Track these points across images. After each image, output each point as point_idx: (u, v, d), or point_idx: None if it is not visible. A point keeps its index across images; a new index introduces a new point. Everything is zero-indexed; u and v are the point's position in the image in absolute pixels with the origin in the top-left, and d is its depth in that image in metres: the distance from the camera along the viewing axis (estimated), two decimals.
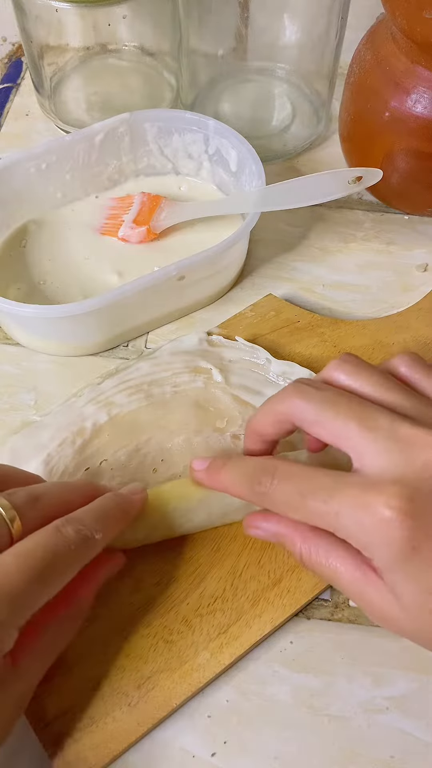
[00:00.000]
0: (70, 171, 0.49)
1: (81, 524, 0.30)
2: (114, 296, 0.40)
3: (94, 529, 0.30)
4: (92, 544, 0.30)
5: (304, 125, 0.57)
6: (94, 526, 0.31)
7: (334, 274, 0.50)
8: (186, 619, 0.35)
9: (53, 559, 0.28)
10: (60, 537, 0.29)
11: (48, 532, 0.29)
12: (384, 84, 0.45)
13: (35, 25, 0.53)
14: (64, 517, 0.30)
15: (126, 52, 0.59)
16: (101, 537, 0.31)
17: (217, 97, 0.58)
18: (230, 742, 0.33)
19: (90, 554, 0.31)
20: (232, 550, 0.37)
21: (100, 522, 0.31)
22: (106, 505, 0.33)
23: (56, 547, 0.29)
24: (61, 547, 0.29)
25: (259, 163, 0.46)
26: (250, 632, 0.35)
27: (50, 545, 0.29)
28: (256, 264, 0.50)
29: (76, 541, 0.29)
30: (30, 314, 0.40)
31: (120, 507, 0.33)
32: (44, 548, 0.29)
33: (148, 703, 0.33)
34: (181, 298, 0.46)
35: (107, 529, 0.31)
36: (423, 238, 0.52)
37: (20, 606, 0.27)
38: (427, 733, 0.33)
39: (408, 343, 0.44)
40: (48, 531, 0.29)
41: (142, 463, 0.39)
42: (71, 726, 0.32)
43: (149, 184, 0.52)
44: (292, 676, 0.35)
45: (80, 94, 0.59)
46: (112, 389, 0.42)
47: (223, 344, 0.44)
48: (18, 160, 0.46)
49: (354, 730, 0.33)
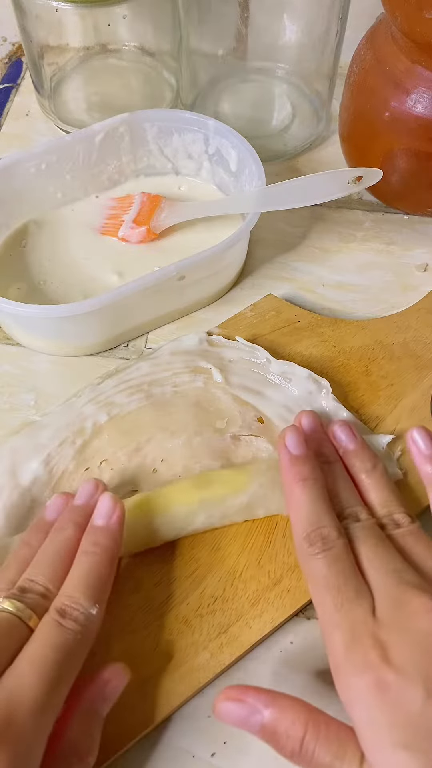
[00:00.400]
0: (70, 171, 0.49)
1: (77, 609, 0.30)
2: (114, 296, 0.40)
3: (90, 606, 0.30)
4: (93, 621, 0.31)
5: (304, 125, 0.57)
6: (88, 603, 0.31)
7: (334, 274, 0.50)
8: (186, 619, 0.35)
9: (65, 657, 0.29)
10: (64, 632, 0.29)
11: (52, 630, 0.29)
12: (384, 84, 0.45)
13: (35, 25, 0.53)
14: (60, 606, 0.30)
15: (126, 52, 0.59)
16: (98, 610, 0.31)
17: (217, 97, 0.58)
18: (230, 742, 0.33)
19: (94, 630, 0.31)
20: (232, 550, 0.37)
21: (93, 595, 0.31)
22: (92, 567, 0.32)
23: (65, 643, 0.29)
24: (69, 641, 0.29)
25: (259, 163, 0.46)
26: (250, 632, 0.35)
27: (59, 644, 0.29)
28: (256, 264, 0.50)
29: (78, 630, 0.30)
30: (30, 314, 0.40)
31: (106, 555, 0.33)
32: (53, 648, 0.29)
33: (149, 703, 0.33)
34: (181, 298, 0.46)
35: (101, 595, 0.31)
36: (423, 238, 0.52)
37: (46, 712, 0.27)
38: None
39: (408, 343, 0.44)
40: (51, 629, 0.29)
41: (142, 463, 0.39)
42: None
43: (149, 184, 0.52)
44: (292, 676, 0.35)
45: (80, 94, 0.59)
46: (112, 389, 0.42)
47: (223, 344, 0.44)
48: (18, 160, 0.46)
49: None
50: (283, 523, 0.38)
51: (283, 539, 0.37)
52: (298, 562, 0.36)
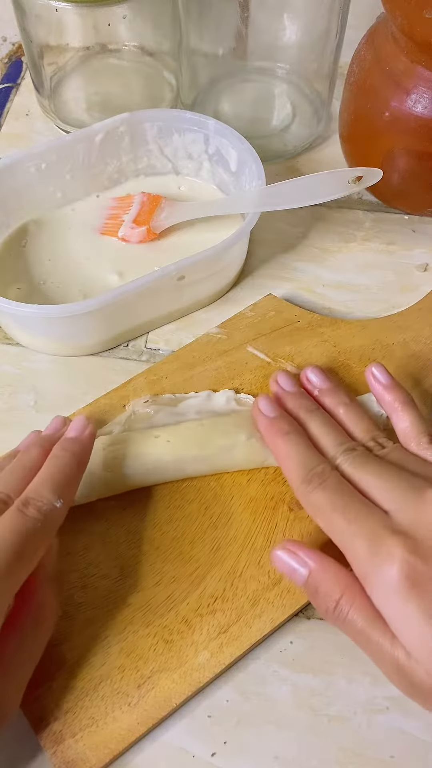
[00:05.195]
0: (70, 171, 0.49)
1: (40, 500, 0.32)
2: (114, 296, 0.40)
3: (54, 500, 0.32)
4: (56, 513, 0.32)
5: (304, 125, 0.57)
6: (52, 497, 0.32)
7: (334, 274, 0.50)
8: (186, 619, 0.35)
9: (24, 541, 0.30)
10: (25, 519, 0.31)
11: (13, 517, 0.31)
12: (384, 84, 0.45)
13: (35, 25, 0.53)
14: (23, 495, 0.32)
15: (126, 52, 0.59)
16: (62, 503, 0.32)
17: (217, 97, 0.58)
18: (230, 742, 0.33)
19: (57, 523, 0.32)
20: (232, 550, 0.37)
21: (57, 488, 0.33)
22: (60, 465, 0.34)
23: (25, 529, 0.30)
24: (29, 528, 0.31)
25: (259, 163, 0.46)
26: (250, 632, 0.35)
27: (19, 529, 0.30)
28: (256, 264, 0.50)
29: (39, 518, 0.31)
30: (30, 314, 0.40)
31: (74, 458, 0.34)
32: (13, 532, 0.30)
33: (148, 703, 0.33)
34: (181, 298, 0.46)
35: (66, 491, 0.33)
36: (423, 238, 0.52)
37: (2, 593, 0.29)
38: (427, 733, 0.33)
39: (408, 343, 0.44)
40: (13, 516, 0.31)
41: None
42: (71, 726, 0.32)
43: (149, 184, 0.52)
44: (292, 676, 0.35)
45: (80, 94, 0.59)
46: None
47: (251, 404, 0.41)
48: (18, 159, 0.46)
49: (354, 730, 0.33)
50: (283, 524, 0.38)
51: (283, 539, 0.37)
52: None
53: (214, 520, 0.38)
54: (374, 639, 0.30)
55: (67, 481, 0.33)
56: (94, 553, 0.37)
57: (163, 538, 0.37)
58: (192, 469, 0.38)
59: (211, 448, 0.38)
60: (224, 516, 0.38)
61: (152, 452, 0.38)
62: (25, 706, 0.33)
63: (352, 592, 0.31)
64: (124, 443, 0.38)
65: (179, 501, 0.39)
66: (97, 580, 0.36)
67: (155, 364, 0.44)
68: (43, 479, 0.33)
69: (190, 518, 0.38)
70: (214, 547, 0.37)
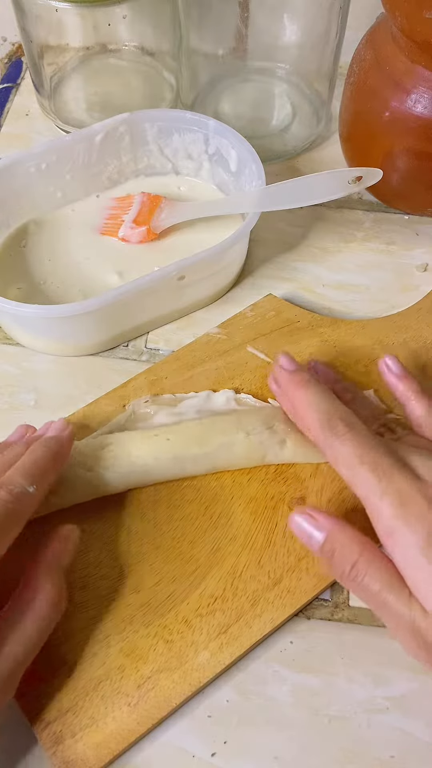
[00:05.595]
0: (70, 171, 0.49)
1: (11, 484, 0.32)
2: (114, 296, 0.40)
3: (25, 485, 0.33)
4: (28, 498, 0.32)
5: (304, 125, 0.57)
6: (24, 482, 0.33)
7: (334, 274, 0.50)
8: (186, 619, 0.35)
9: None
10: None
11: None
12: (384, 84, 0.45)
13: (35, 25, 0.53)
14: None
15: (126, 52, 0.59)
16: (35, 489, 0.33)
17: (217, 97, 0.58)
18: (230, 742, 0.33)
19: (29, 508, 0.33)
20: (232, 550, 0.37)
21: (30, 476, 0.33)
22: (35, 457, 0.34)
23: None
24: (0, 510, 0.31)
25: (259, 163, 0.46)
26: (250, 632, 0.35)
27: None
28: (256, 264, 0.50)
29: (10, 500, 0.32)
30: (30, 314, 0.40)
31: (50, 451, 0.35)
32: None
33: (148, 703, 0.33)
34: (181, 298, 0.46)
35: (40, 480, 0.33)
36: (423, 238, 0.52)
37: None
38: (427, 733, 0.33)
39: (408, 343, 0.44)
40: None
41: None
42: (71, 726, 0.32)
43: (149, 184, 0.52)
44: (292, 676, 0.35)
45: (80, 94, 0.59)
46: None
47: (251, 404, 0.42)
48: (18, 160, 0.46)
49: (354, 730, 0.33)
50: (283, 524, 0.38)
51: (283, 539, 0.37)
52: (298, 561, 0.36)
53: (214, 520, 0.38)
54: (390, 600, 0.29)
55: (40, 471, 0.34)
56: (94, 553, 0.37)
57: (163, 538, 0.37)
58: (192, 467, 0.38)
59: (211, 445, 0.38)
60: (224, 516, 0.38)
61: (151, 450, 0.38)
62: (25, 706, 0.33)
63: (370, 553, 0.30)
64: (123, 442, 0.38)
65: (179, 501, 0.39)
66: (97, 580, 0.36)
67: (155, 364, 0.44)
68: (16, 467, 0.34)
69: (190, 518, 0.38)
70: (214, 547, 0.37)
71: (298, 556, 0.37)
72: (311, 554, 0.37)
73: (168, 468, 0.38)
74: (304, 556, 0.37)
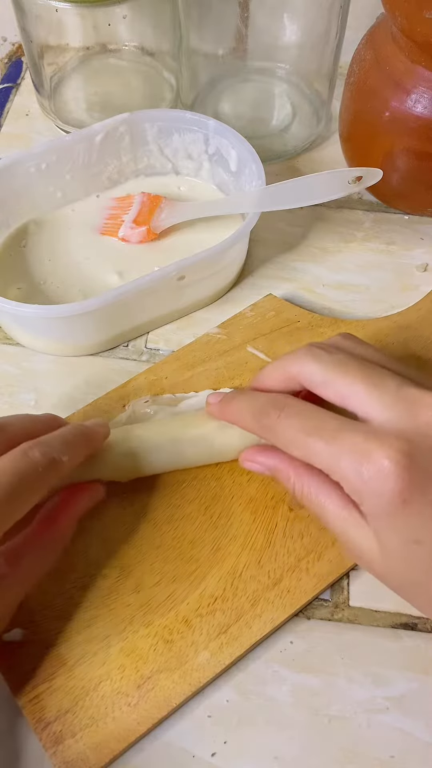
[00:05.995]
0: (70, 171, 0.49)
1: (47, 447, 0.32)
2: (114, 296, 0.40)
3: (60, 452, 0.32)
4: (59, 466, 0.32)
5: (304, 125, 0.57)
6: (60, 449, 0.32)
7: (334, 274, 0.50)
8: (186, 619, 0.35)
9: (20, 481, 0.30)
10: (27, 460, 0.31)
11: (15, 455, 0.31)
12: (384, 84, 0.45)
13: (35, 25, 0.53)
14: (31, 440, 0.32)
15: (126, 52, 0.59)
16: (67, 460, 0.32)
17: (217, 97, 0.58)
18: (230, 742, 0.33)
19: (57, 476, 0.32)
20: (232, 550, 0.37)
21: (65, 446, 0.33)
22: (71, 432, 0.34)
23: (24, 469, 0.30)
24: (29, 469, 0.30)
25: (259, 163, 0.46)
26: (250, 632, 0.35)
27: (18, 468, 0.30)
28: (256, 264, 0.50)
29: (42, 463, 0.31)
30: (30, 314, 0.40)
31: (84, 435, 0.35)
32: (12, 471, 0.30)
33: (148, 703, 0.33)
34: (181, 298, 0.46)
35: (73, 453, 0.33)
36: (423, 238, 0.52)
37: None
38: (427, 733, 0.33)
39: (408, 343, 0.44)
40: (15, 454, 0.31)
41: None
42: (71, 726, 0.32)
43: (149, 184, 0.52)
44: (292, 676, 0.35)
45: (80, 94, 0.59)
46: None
47: None
48: (18, 160, 0.46)
49: (354, 730, 0.33)
50: (283, 524, 0.38)
51: (283, 539, 0.37)
52: (297, 561, 0.36)
53: (214, 520, 0.38)
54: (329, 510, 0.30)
55: (77, 447, 0.34)
56: (94, 553, 0.37)
57: (163, 538, 0.37)
58: (191, 450, 0.38)
59: (207, 427, 0.38)
60: (224, 516, 0.38)
61: (151, 433, 0.38)
62: (25, 706, 0.33)
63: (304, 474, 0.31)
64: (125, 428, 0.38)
65: (179, 501, 0.39)
66: (97, 580, 0.36)
67: (155, 364, 0.44)
68: (55, 434, 0.33)
69: (190, 518, 0.38)
70: (214, 547, 0.37)
71: (298, 556, 0.37)
72: (311, 554, 0.37)
73: (166, 451, 0.38)
74: (304, 556, 0.37)
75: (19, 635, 0.34)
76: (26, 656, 0.34)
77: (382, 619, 0.36)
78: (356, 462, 0.28)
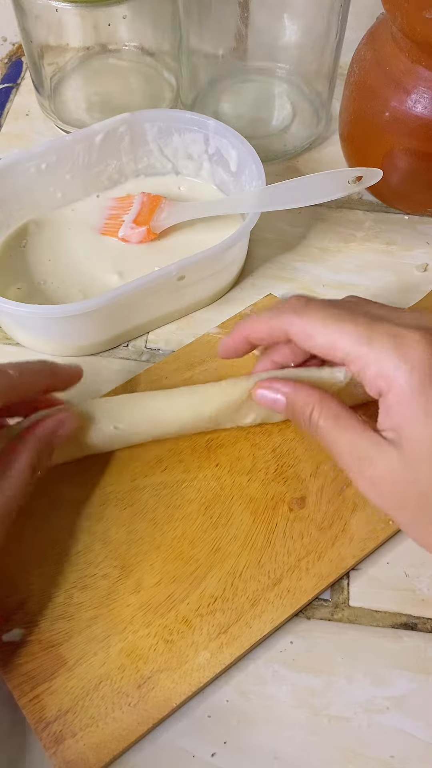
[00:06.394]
0: (70, 171, 0.49)
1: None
2: (114, 296, 0.40)
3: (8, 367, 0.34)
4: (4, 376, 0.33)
5: (304, 125, 0.57)
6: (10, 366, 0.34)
7: (334, 274, 0.50)
8: (186, 619, 0.35)
9: None
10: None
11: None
12: (384, 84, 0.45)
13: (35, 25, 0.53)
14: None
15: (126, 52, 0.59)
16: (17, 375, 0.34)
17: (217, 97, 0.58)
18: (230, 742, 0.33)
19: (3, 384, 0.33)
20: (232, 550, 0.37)
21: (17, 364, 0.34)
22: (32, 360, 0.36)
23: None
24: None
25: (259, 163, 0.46)
26: (250, 632, 0.35)
27: None
28: (256, 264, 0.50)
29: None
30: (30, 314, 0.40)
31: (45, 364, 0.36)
32: None
33: (148, 703, 0.33)
34: (181, 298, 0.46)
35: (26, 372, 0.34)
36: (423, 238, 0.52)
37: None
38: (427, 733, 0.33)
39: None
40: None
41: None
42: (71, 726, 0.32)
43: (149, 184, 0.52)
44: (292, 676, 0.35)
45: (80, 94, 0.59)
46: None
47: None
48: (18, 160, 0.46)
49: (354, 730, 0.33)
50: (283, 524, 0.38)
51: (283, 539, 0.37)
52: (297, 561, 0.36)
53: (214, 520, 0.38)
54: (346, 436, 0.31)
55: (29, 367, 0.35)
56: (94, 553, 0.37)
57: (163, 538, 0.37)
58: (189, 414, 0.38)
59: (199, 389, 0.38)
60: (224, 516, 0.38)
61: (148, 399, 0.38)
62: (25, 706, 0.33)
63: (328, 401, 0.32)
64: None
65: (179, 501, 0.39)
66: (97, 580, 0.36)
67: (155, 364, 0.44)
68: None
69: (190, 518, 0.38)
70: (214, 547, 0.37)
71: (298, 556, 0.37)
72: (311, 554, 0.37)
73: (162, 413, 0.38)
74: (304, 556, 0.37)
75: (19, 635, 0.34)
76: (26, 656, 0.34)
77: (382, 619, 0.36)
78: (390, 339, 0.30)
